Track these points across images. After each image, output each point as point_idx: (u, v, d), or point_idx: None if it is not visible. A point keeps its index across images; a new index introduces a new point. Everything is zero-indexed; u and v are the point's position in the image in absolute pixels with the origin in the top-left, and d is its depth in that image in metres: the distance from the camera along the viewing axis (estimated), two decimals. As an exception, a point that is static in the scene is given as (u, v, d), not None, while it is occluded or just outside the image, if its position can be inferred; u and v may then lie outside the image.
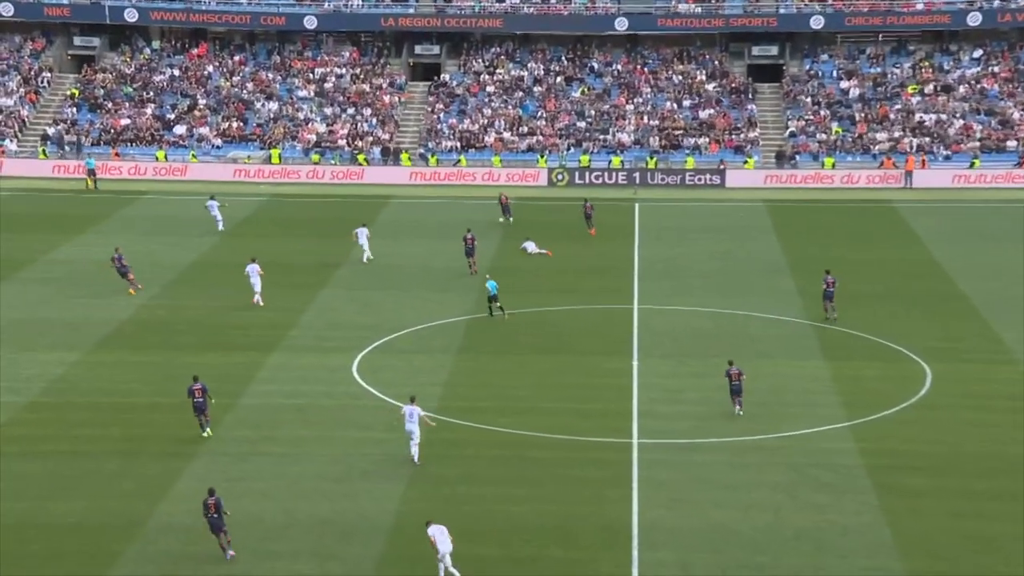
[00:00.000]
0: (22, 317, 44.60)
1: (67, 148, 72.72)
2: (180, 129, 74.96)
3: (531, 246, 55.25)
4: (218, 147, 74.06)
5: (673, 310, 47.12)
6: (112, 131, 74.50)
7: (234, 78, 79.03)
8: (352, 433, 34.97)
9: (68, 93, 77.42)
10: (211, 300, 47.39)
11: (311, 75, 79.51)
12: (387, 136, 75.54)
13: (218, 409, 36.10)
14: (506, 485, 31.79)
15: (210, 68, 79.68)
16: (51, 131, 74.08)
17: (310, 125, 75.76)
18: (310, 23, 79.67)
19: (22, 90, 76.97)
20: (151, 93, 77.59)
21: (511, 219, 61.05)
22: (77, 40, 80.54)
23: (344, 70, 79.91)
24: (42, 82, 77.86)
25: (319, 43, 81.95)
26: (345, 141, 74.73)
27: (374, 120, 76.53)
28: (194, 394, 34.17)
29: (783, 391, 38.55)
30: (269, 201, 66.05)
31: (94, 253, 53.92)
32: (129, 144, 73.76)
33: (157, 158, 72.33)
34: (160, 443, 33.81)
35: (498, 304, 45.19)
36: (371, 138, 75.09)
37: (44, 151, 72.25)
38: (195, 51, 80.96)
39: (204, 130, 74.90)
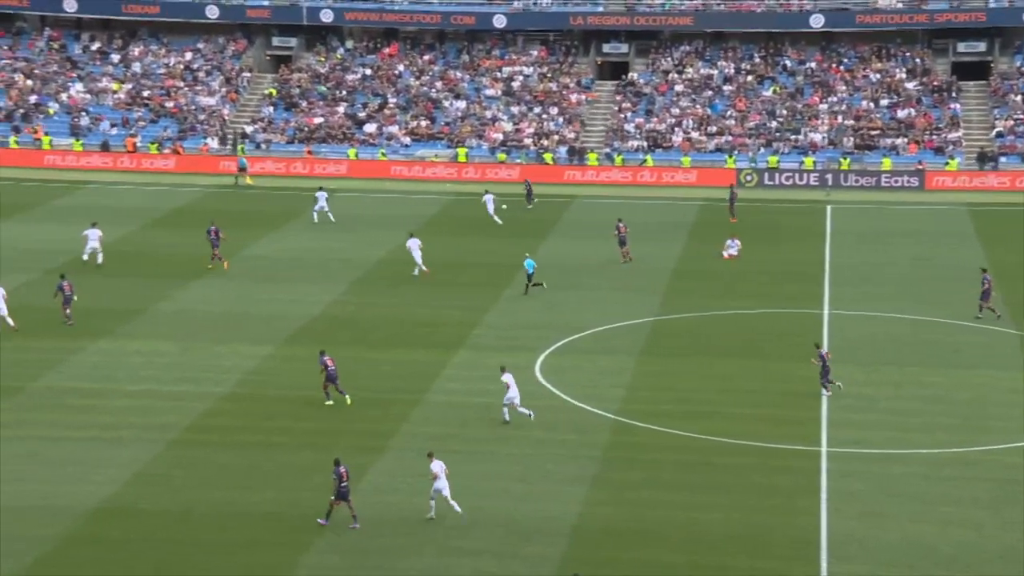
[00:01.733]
0: (222, 311, 46.36)
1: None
2: (370, 127, 76.79)
3: (734, 246, 54.54)
4: (407, 145, 75.59)
5: (866, 316, 45.95)
6: (305, 129, 76.83)
7: (423, 77, 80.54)
8: (535, 433, 35.21)
9: (266, 92, 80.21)
10: (398, 297, 48.40)
11: (499, 74, 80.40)
12: (573, 135, 75.82)
13: (405, 405, 36.93)
14: (691, 491, 31.54)
15: (400, 67, 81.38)
16: (248, 129, 76.85)
17: (497, 124, 76.63)
18: (499, 22, 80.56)
19: (223, 90, 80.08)
20: (343, 92, 79.70)
21: (529, 206, 62.74)
22: (275, 41, 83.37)
23: (531, 69, 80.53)
24: (242, 82, 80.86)
25: (508, 42, 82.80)
26: (531, 140, 75.31)
27: (560, 119, 76.90)
28: (326, 364, 36.63)
29: (985, 403, 37.18)
30: (455, 200, 67.02)
31: (289, 250, 55.70)
32: (321, 142, 75.94)
33: (349, 156, 74.23)
34: (349, 438, 34.68)
35: (534, 283, 47.30)
36: (557, 137, 75.48)
37: (242, 149, 74.98)
38: (386, 50, 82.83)
39: (393, 128, 76.56)
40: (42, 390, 37.77)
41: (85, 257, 51.52)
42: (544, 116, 77.12)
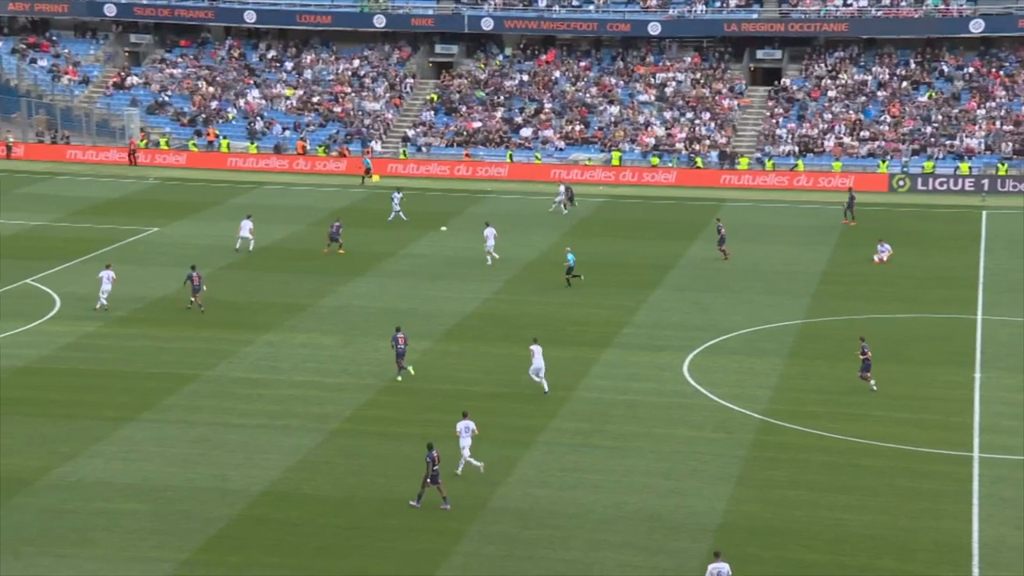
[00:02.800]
0: (382, 307, 47.11)
1: (423, 149, 76.43)
2: (526, 132, 77.17)
3: (885, 251, 53.15)
4: (561, 149, 75.72)
5: (1021, 322, 44.17)
6: (464, 133, 77.63)
7: (579, 83, 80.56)
8: (681, 431, 34.92)
9: (428, 98, 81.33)
10: (550, 296, 48.48)
11: (652, 80, 79.91)
12: (724, 140, 74.88)
13: (553, 401, 37.01)
14: (837, 492, 30.84)
15: (557, 73, 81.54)
16: (410, 133, 78.02)
17: (649, 128, 76.17)
18: (654, 29, 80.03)
19: (388, 95, 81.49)
20: (501, 97, 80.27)
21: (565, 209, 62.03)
22: (438, 48, 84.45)
23: (684, 75, 79.83)
24: (405, 88, 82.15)
25: (662, 49, 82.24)
26: (683, 144, 74.66)
27: (712, 124, 76.04)
28: (398, 341, 38.39)
29: None
30: (607, 202, 66.88)
31: (447, 249, 56.33)
32: (479, 145, 76.62)
33: (506, 159, 74.63)
34: (500, 431, 34.88)
35: (575, 275, 48.27)
36: (708, 142, 74.66)
37: (404, 152, 76.15)
38: (543, 57, 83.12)
39: (548, 132, 76.78)
40: (215, 378, 38.99)
41: (237, 246, 53.88)
42: (696, 121, 76.36)
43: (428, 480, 29.77)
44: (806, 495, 30.63)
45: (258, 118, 79.60)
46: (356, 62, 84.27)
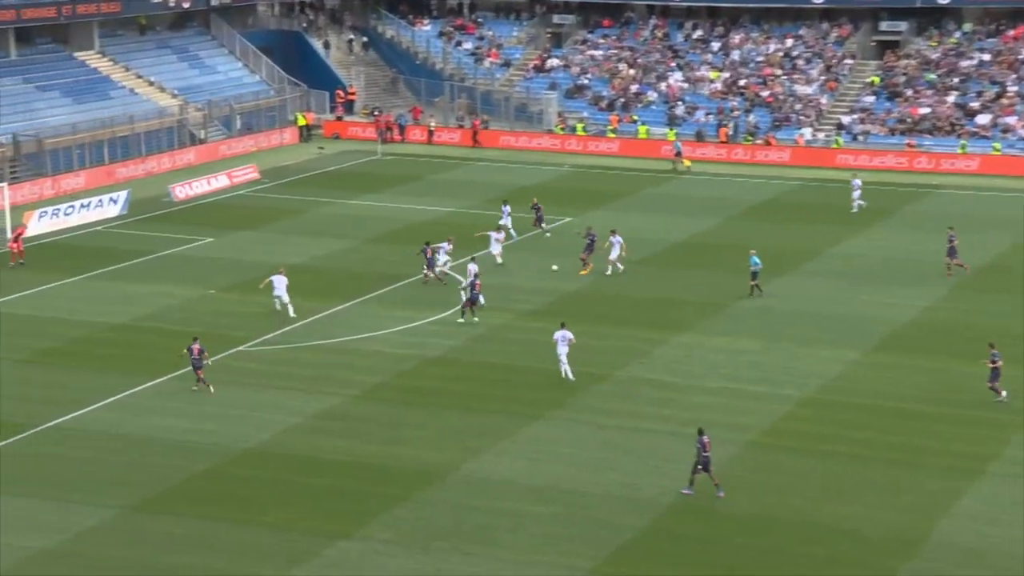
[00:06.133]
0: (806, 310, 46.04)
1: (859, 137, 74.10)
2: (983, 119, 72.98)
3: None
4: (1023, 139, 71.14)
5: None
6: (908, 120, 74.50)
7: (1052, 62, 75.31)
8: None
9: (868, 80, 78.77)
10: (1002, 305, 45.67)
11: None
12: None
13: (1010, 427, 34.72)
14: None
15: (1024, 51, 76.67)
16: (845, 120, 75.83)
17: None
18: None
19: (823, 78, 79.63)
20: (955, 80, 76.38)
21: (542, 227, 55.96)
22: (883, 25, 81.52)
23: None
24: (843, 69, 79.98)
25: None
26: None
27: None
28: (474, 285, 44.32)
29: None
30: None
31: (883, 249, 54.30)
32: (925, 134, 73.24)
33: (961, 150, 70.82)
34: (941, 457, 33.19)
35: (756, 283, 46.75)
36: None
37: (838, 141, 74.02)
38: (1011, 33, 78.24)
39: (1011, 119, 72.21)
40: (625, 379, 39.53)
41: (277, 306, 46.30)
42: None
43: (699, 467, 30.67)
44: None
45: (679, 103, 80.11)
46: (789, 42, 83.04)
